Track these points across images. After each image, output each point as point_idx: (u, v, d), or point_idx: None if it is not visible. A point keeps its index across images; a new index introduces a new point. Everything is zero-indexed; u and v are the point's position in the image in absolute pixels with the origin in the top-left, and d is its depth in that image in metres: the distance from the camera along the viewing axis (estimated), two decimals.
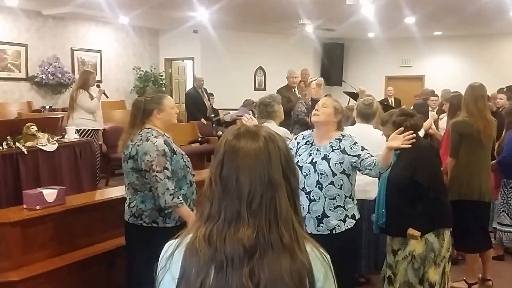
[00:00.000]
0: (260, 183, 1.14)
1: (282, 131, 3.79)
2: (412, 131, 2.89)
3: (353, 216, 3.06)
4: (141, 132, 2.99)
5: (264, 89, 12.76)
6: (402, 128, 2.92)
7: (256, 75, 13.27)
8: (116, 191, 4.02)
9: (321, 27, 10.79)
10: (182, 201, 2.93)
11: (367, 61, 14.11)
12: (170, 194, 2.88)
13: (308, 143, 3.15)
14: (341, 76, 13.86)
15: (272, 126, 4.04)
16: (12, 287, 3.04)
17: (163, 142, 2.94)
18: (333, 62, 13.89)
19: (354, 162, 2.99)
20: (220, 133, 7.12)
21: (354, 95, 11.48)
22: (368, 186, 3.80)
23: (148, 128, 3.01)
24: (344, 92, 10.71)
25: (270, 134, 1.21)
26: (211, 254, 1.11)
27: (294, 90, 7.12)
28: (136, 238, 3.04)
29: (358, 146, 3.05)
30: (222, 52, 11.71)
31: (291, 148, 3.08)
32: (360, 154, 2.99)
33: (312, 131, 3.28)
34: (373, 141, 3.82)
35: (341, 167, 2.99)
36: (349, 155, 3.01)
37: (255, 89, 13.00)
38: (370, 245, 4.06)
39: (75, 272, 3.37)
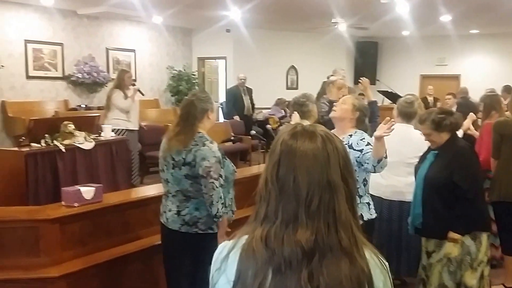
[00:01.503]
0: (318, 185, 1.11)
1: None
2: (393, 120, 2.85)
3: (360, 216, 2.98)
4: (195, 137, 2.93)
5: (296, 88, 12.70)
6: (388, 118, 2.87)
7: (288, 74, 13.20)
8: (152, 189, 4.06)
9: (354, 26, 10.66)
10: (227, 209, 2.97)
11: (401, 59, 13.86)
12: (222, 203, 2.88)
13: None
14: (374, 75, 13.65)
15: None
16: (52, 283, 3.08)
17: (217, 148, 2.93)
18: (367, 61, 13.71)
19: (358, 157, 2.99)
20: (253, 132, 7.09)
21: (388, 94, 11.34)
22: (405, 188, 3.73)
23: (200, 133, 2.96)
24: (378, 91, 10.56)
25: (327, 133, 1.18)
26: (268, 256, 1.09)
27: None
28: (190, 246, 2.97)
29: (364, 141, 3.06)
30: (254, 51, 11.71)
31: None
32: (363, 149, 3.01)
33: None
34: (413, 142, 3.73)
35: None
36: (354, 149, 3.01)
37: (287, 88, 12.95)
38: (410, 247, 3.97)
39: (112, 269, 3.40)
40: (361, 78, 5.08)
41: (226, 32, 12.06)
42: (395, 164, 3.68)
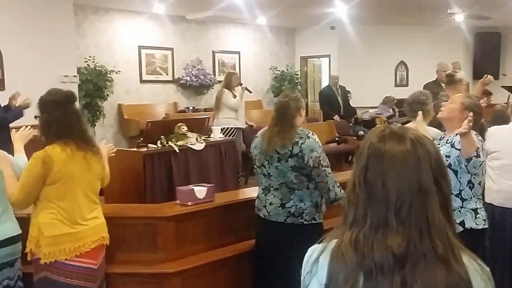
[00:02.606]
0: (409, 189, 1.09)
1: (433, 132, 3.51)
2: (471, 114, 2.63)
3: (461, 223, 2.78)
4: (297, 131, 3.07)
5: (406, 85, 12.13)
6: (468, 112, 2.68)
7: (397, 71, 12.59)
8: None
9: (473, 16, 9.89)
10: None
11: None
12: (338, 186, 3.05)
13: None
14: (497, 69, 12.49)
15: (422, 126, 3.77)
16: (169, 279, 3.19)
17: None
18: (488, 54, 12.56)
19: (458, 156, 2.79)
20: (361, 132, 6.87)
21: None
22: None
23: (299, 127, 3.10)
24: (503, 86, 9.66)
25: (417, 136, 1.15)
26: (359, 261, 1.08)
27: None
28: (296, 237, 3.06)
29: None
30: (360, 48, 11.37)
31: None
32: None
33: None
34: None
35: (448, 160, 2.78)
36: (456, 149, 2.80)
37: (396, 85, 12.36)
38: None
39: (223, 267, 3.44)
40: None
41: (331, 30, 11.87)
42: (509, 167, 3.37)
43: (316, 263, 1.15)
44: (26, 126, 3.05)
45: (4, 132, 4.57)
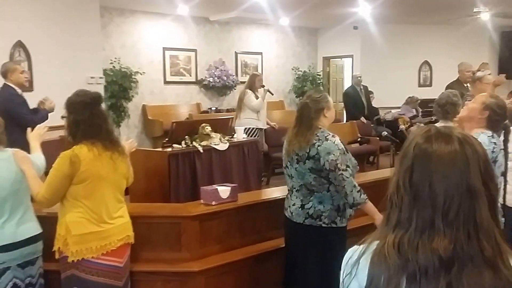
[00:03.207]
0: (457, 191, 1.06)
1: None
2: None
3: None
4: (316, 133, 3.00)
5: (430, 85, 11.98)
6: None
7: (421, 70, 12.44)
8: (281, 191, 4.07)
9: (499, 14, 9.71)
10: (367, 197, 2.94)
11: None
12: (358, 191, 2.93)
13: None
14: None
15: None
16: (193, 277, 3.23)
17: (340, 141, 2.98)
18: None
19: None
20: (384, 133, 6.80)
21: None
22: None
23: (321, 128, 3.03)
24: None
25: (465, 136, 1.12)
26: (402, 263, 1.06)
27: (467, 86, 6.52)
28: (314, 239, 3.03)
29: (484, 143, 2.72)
30: (383, 47, 11.28)
31: None
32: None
33: None
34: None
35: None
36: None
37: (420, 85, 12.22)
38: None
39: (246, 267, 3.47)
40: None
41: (354, 30, 11.79)
42: None
43: (357, 265, 1.14)
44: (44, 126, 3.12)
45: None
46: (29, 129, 3.16)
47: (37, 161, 2.92)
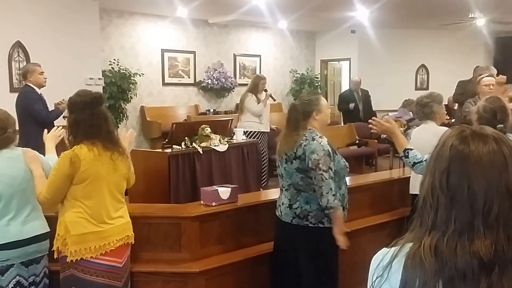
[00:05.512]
0: (497, 192, 1.04)
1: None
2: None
3: None
4: (305, 133, 3.05)
5: (427, 88, 12.00)
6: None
7: (417, 74, 12.53)
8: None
9: (494, 20, 9.80)
10: (340, 204, 2.98)
11: None
12: (333, 195, 2.94)
13: None
14: None
15: (432, 127, 3.80)
16: (193, 278, 3.22)
17: (327, 143, 3.01)
18: (508, 59, 12.35)
19: None
20: (384, 135, 6.81)
21: None
22: None
23: (310, 129, 3.08)
24: None
25: (499, 135, 1.10)
26: (439, 267, 1.03)
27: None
28: (301, 239, 3.07)
29: None
30: (380, 51, 11.33)
31: None
32: None
33: None
34: None
35: None
36: None
37: (416, 88, 12.24)
38: None
39: (246, 268, 3.46)
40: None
41: (351, 33, 11.84)
42: None
43: (389, 268, 1.11)
44: (58, 127, 3.12)
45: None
46: (45, 131, 3.18)
47: (49, 162, 2.91)
